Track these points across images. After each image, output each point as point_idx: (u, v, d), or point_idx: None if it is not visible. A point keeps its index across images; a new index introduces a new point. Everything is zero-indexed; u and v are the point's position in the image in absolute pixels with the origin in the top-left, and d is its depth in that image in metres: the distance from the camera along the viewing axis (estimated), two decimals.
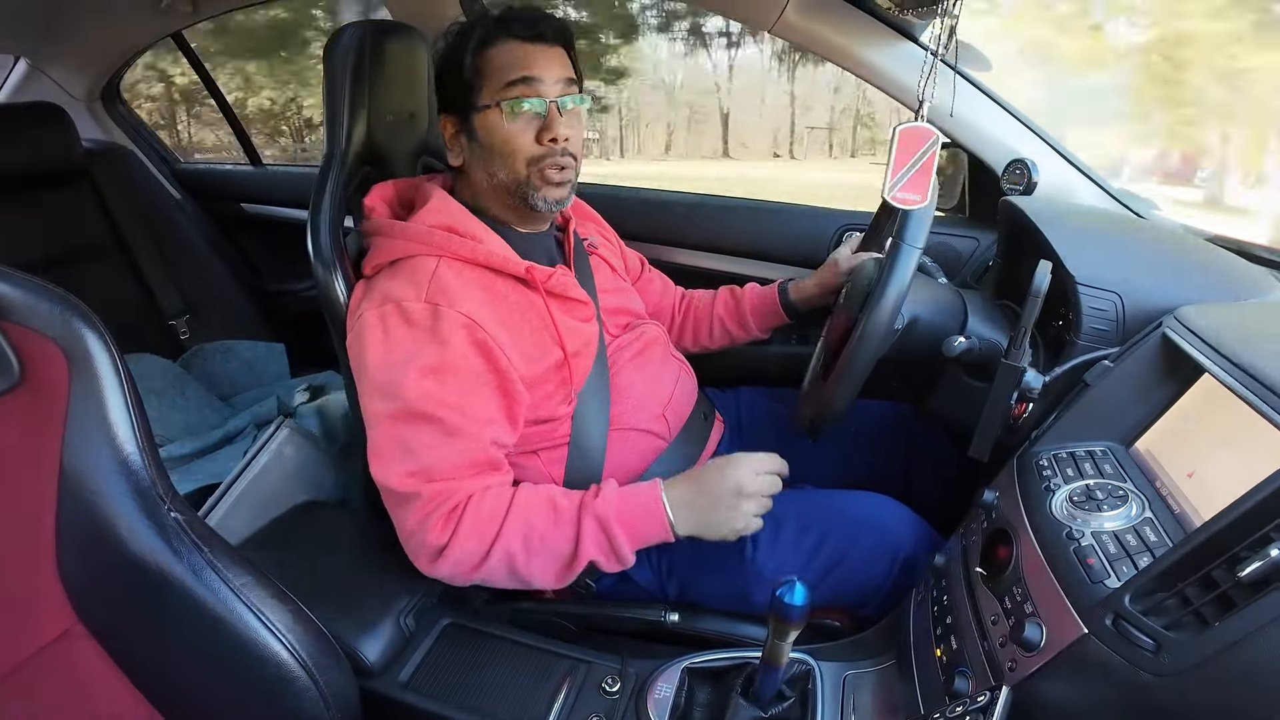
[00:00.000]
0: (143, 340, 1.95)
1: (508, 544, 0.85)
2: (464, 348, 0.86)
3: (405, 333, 0.87)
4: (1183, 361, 0.74)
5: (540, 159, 0.93)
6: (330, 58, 1.02)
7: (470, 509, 0.85)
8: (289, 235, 2.07)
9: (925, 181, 0.79)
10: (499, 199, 0.98)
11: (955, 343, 0.89)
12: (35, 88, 1.96)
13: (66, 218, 1.89)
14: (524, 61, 0.91)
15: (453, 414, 0.85)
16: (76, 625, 0.60)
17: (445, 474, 0.85)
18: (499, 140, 0.93)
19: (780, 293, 1.22)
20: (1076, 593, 0.61)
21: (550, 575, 0.88)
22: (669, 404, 1.07)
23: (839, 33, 1.29)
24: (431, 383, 0.85)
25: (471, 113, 0.94)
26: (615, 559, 0.88)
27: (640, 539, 0.89)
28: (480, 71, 0.92)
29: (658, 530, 0.89)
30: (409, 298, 0.87)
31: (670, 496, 0.90)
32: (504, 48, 0.92)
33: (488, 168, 0.95)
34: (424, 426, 0.84)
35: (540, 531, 0.86)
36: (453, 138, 0.97)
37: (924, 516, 1.01)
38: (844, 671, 0.84)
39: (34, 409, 0.57)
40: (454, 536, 0.84)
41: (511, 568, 0.86)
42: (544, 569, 0.88)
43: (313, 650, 0.66)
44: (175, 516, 0.61)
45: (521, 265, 0.93)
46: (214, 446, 1.65)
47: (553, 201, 0.96)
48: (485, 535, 0.85)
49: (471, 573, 0.86)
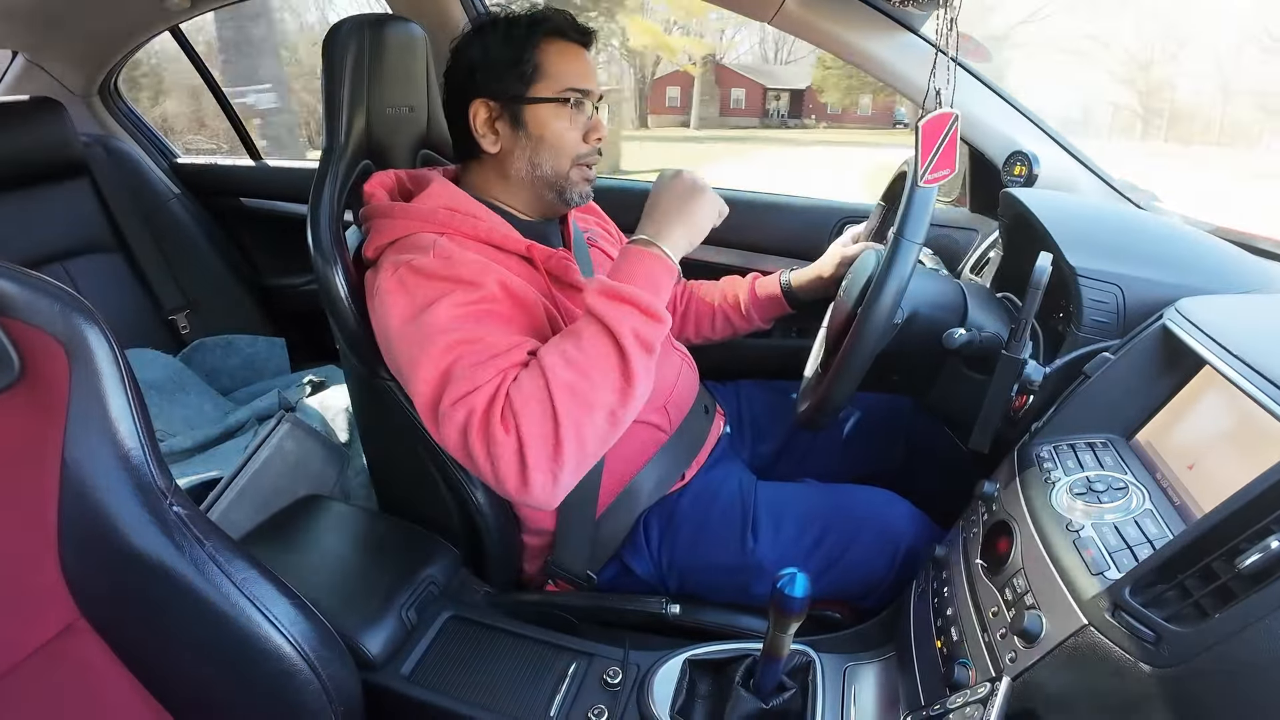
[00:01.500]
0: (143, 335, 1.96)
1: (562, 377, 0.77)
2: (486, 279, 0.84)
3: (424, 283, 0.84)
4: (1184, 353, 0.74)
5: (584, 156, 0.98)
6: (329, 51, 1.02)
7: (512, 392, 0.77)
8: (288, 229, 2.07)
9: (951, 155, 0.82)
10: (532, 188, 0.99)
11: (956, 335, 0.90)
12: (33, 82, 1.95)
13: (65, 213, 1.89)
14: (584, 66, 0.97)
15: (491, 334, 0.81)
16: (79, 620, 0.61)
17: (487, 379, 0.78)
18: (552, 134, 0.96)
19: (782, 282, 1.23)
20: (1077, 584, 0.61)
21: (615, 378, 0.79)
22: (670, 397, 1.07)
23: (838, 24, 1.28)
24: (463, 312, 0.82)
25: (522, 103, 0.95)
26: (648, 316, 0.80)
27: (649, 283, 0.83)
28: (540, 66, 0.94)
29: (654, 264, 0.84)
30: (419, 256, 0.86)
31: (648, 230, 0.88)
32: (566, 48, 0.96)
33: (533, 158, 0.97)
34: (466, 349, 0.79)
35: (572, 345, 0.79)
36: (487, 123, 0.96)
37: (924, 509, 1.02)
38: (845, 663, 0.85)
39: (35, 404, 0.57)
40: (517, 419, 0.76)
41: (581, 398, 0.77)
42: (604, 376, 0.78)
43: (315, 643, 0.66)
44: (177, 511, 0.62)
45: (523, 243, 0.93)
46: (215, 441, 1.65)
47: (584, 196, 1.01)
48: (537, 393, 0.76)
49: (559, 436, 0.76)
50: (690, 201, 0.89)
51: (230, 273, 2.11)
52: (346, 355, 1.00)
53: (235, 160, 2.21)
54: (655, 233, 0.87)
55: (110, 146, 2.01)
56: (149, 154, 2.13)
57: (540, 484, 0.76)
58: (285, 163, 2.14)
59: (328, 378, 1.82)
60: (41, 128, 1.82)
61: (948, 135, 0.81)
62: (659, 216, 0.89)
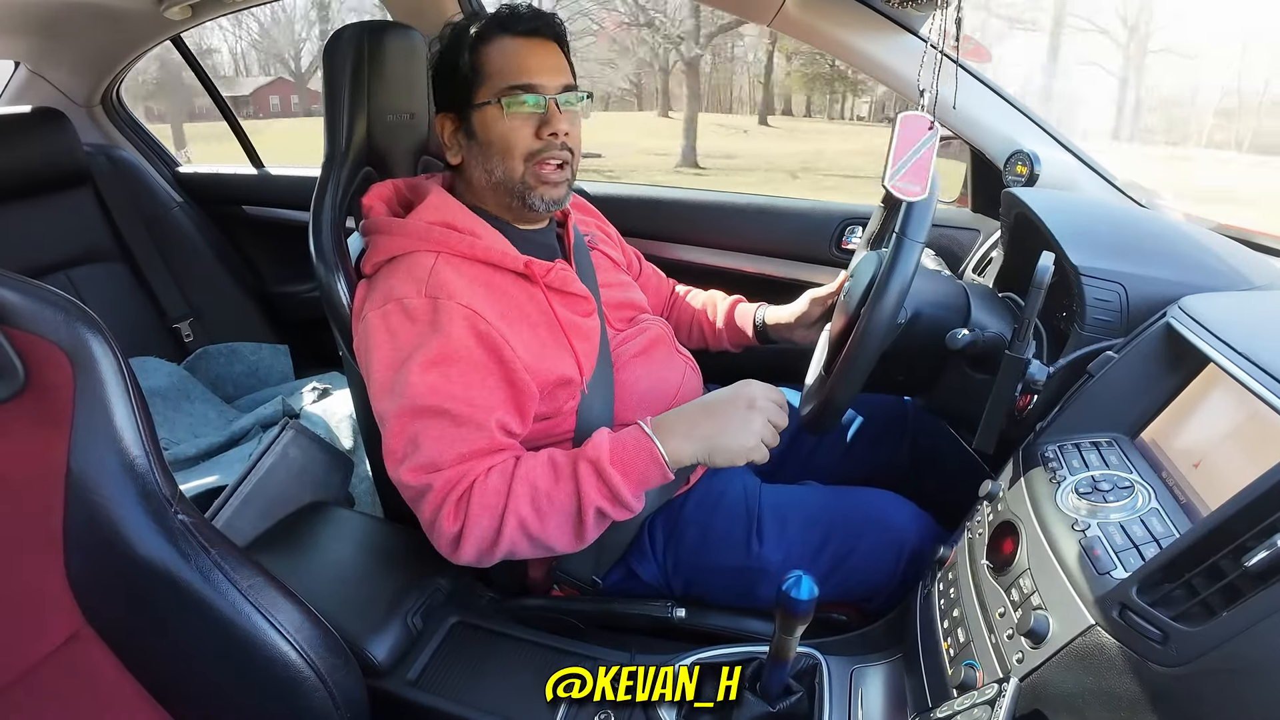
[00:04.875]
0: (147, 343, 1.96)
1: (518, 510, 0.83)
2: (466, 338, 0.86)
3: (408, 328, 0.87)
4: (1187, 351, 0.74)
5: (538, 152, 0.93)
6: (330, 58, 1.02)
7: (477, 489, 0.84)
8: (291, 237, 2.07)
9: (925, 172, 0.79)
10: (497, 197, 0.98)
11: (959, 335, 0.90)
12: (36, 93, 1.96)
13: (69, 222, 1.90)
14: (523, 60, 0.93)
15: (458, 404, 0.84)
16: (85, 628, 0.61)
17: (452, 462, 0.84)
18: (497, 136, 0.93)
19: (756, 319, 1.22)
20: (1083, 584, 0.61)
21: (567, 534, 0.86)
22: (674, 400, 1.06)
23: (839, 26, 1.29)
24: (436, 375, 0.85)
25: (470, 110, 0.94)
26: (618, 504, 0.85)
27: (637, 477, 0.85)
28: (478, 69, 0.93)
29: (649, 463, 0.85)
30: (409, 294, 0.88)
31: (663, 425, 0.87)
32: (502, 45, 0.93)
33: (486, 165, 0.96)
34: (431, 420, 0.84)
35: (544, 491, 0.84)
36: (451, 135, 0.98)
37: (930, 510, 1.01)
38: (851, 665, 0.85)
39: (39, 414, 0.57)
40: (467, 519, 0.83)
41: (528, 534, 0.84)
42: (559, 529, 0.85)
43: (321, 650, 0.66)
44: (182, 519, 0.62)
45: (520, 260, 0.93)
46: (219, 449, 1.66)
47: (550, 201, 0.97)
48: (495, 509, 0.83)
49: (493, 549, 0.85)
50: (738, 426, 0.86)
51: (233, 281, 2.12)
52: (350, 362, 1.00)
53: (237, 168, 2.22)
54: (675, 429, 0.86)
55: (113, 156, 2.01)
56: (151, 163, 2.14)
57: (466, 561, 0.86)
58: (287, 170, 2.15)
59: (331, 384, 1.82)
60: (44, 138, 1.83)
61: (924, 146, 0.79)
62: (697, 417, 0.88)
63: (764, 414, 0.87)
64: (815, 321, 1.14)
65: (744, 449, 0.86)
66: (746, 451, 0.86)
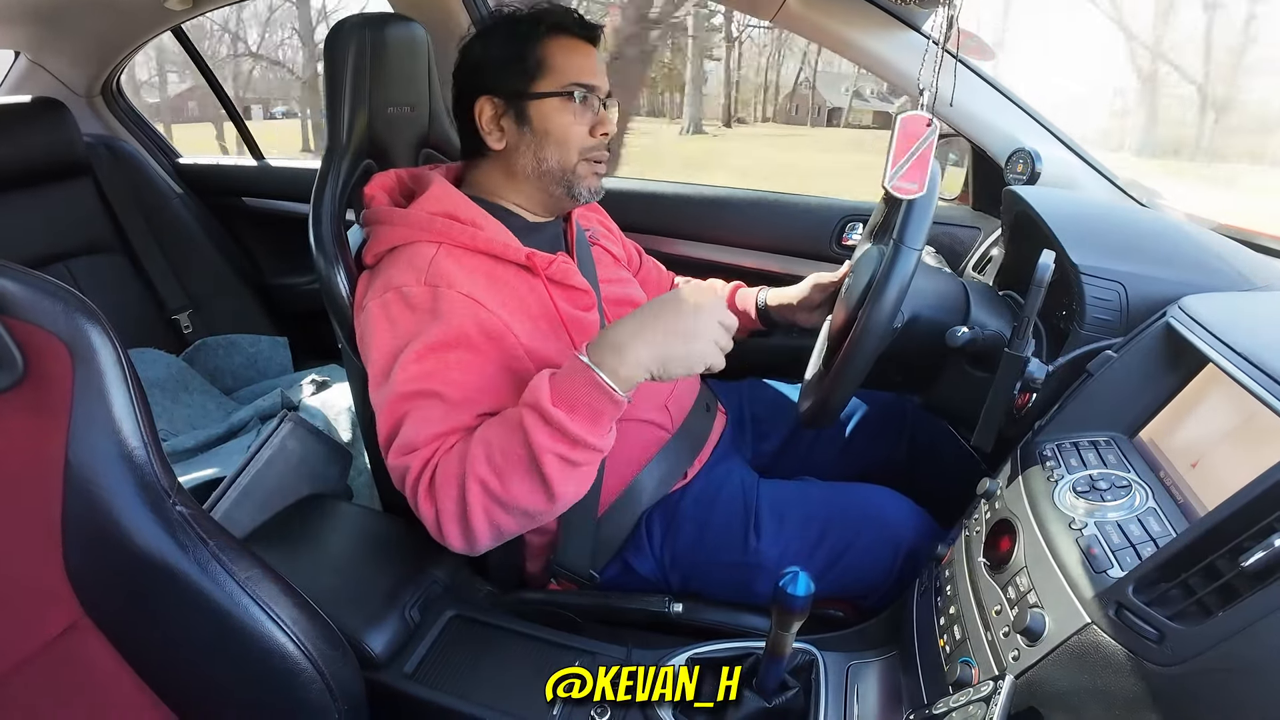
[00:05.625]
0: (146, 335, 1.96)
1: (477, 473, 0.78)
2: (467, 325, 0.86)
3: (408, 317, 0.87)
4: (1187, 351, 0.74)
5: (590, 150, 0.98)
6: (331, 50, 1.02)
7: (441, 462, 0.81)
8: (291, 229, 2.07)
9: (923, 172, 0.79)
10: (539, 184, 0.99)
11: (958, 333, 0.89)
12: (35, 83, 1.96)
13: (68, 213, 1.89)
14: (585, 60, 0.97)
15: (452, 388, 0.84)
16: (83, 619, 0.61)
17: (427, 441, 0.82)
18: (557, 128, 0.96)
19: (759, 301, 1.22)
20: (1080, 583, 0.61)
21: (534, 491, 0.78)
22: (671, 395, 1.07)
23: (841, 22, 1.28)
24: (433, 360, 0.84)
25: (526, 99, 0.95)
26: (576, 445, 0.77)
27: (586, 411, 0.76)
28: (543, 61, 0.95)
29: (595, 392, 0.76)
30: (409, 283, 0.88)
31: (602, 346, 0.78)
32: (569, 43, 0.96)
33: (539, 153, 0.97)
34: (420, 401, 0.83)
35: (499, 447, 0.78)
36: (492, 120, 0.97)
37: (927, 508, 1.01)
38: (847, 662, 0.85)
39: (38, 404, 0.57)
40: (436, 495, 0.80)
41: (494, 496, 0.78)
42: (521, 486, 0.78)
43: (318, 642, 0.66)
44: (180, 510, 0.62)
45: (522, 251, 0.93)
46: (218, 440, 1.66)
47: (593, 192, 1.01)
48: (457, 476, 0.79)
49: (470, 523, 0.79)
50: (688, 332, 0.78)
51: (233, 272, 2.12)
52: (349, 354, 1.00)
53: (237, 160, 2.22)
54: (616, 345, 0.77)
55: (113, 146, 2.01)
56: (151, 154, 2.13)
57: (457, 547, 0.83)
58: (287, 162, 2.15)
59: (330, 377, 1.82)
60: (44, 128, 1.82)
61: (923, 145, 0.79)
62: (638, 329, 0.78)
63: (713, 314, 0.79)
64: (818, 306, 1.15)
65: (701, 355, 0.78)
66: (703, 358, 0.78)
